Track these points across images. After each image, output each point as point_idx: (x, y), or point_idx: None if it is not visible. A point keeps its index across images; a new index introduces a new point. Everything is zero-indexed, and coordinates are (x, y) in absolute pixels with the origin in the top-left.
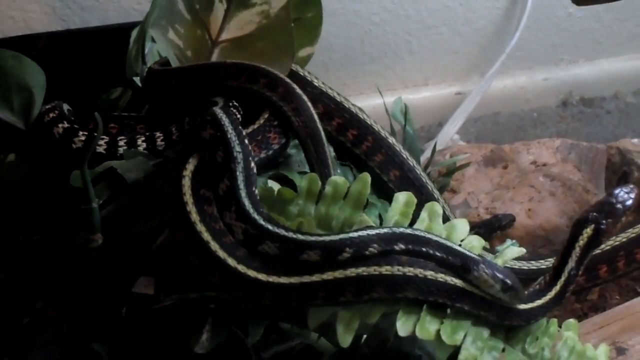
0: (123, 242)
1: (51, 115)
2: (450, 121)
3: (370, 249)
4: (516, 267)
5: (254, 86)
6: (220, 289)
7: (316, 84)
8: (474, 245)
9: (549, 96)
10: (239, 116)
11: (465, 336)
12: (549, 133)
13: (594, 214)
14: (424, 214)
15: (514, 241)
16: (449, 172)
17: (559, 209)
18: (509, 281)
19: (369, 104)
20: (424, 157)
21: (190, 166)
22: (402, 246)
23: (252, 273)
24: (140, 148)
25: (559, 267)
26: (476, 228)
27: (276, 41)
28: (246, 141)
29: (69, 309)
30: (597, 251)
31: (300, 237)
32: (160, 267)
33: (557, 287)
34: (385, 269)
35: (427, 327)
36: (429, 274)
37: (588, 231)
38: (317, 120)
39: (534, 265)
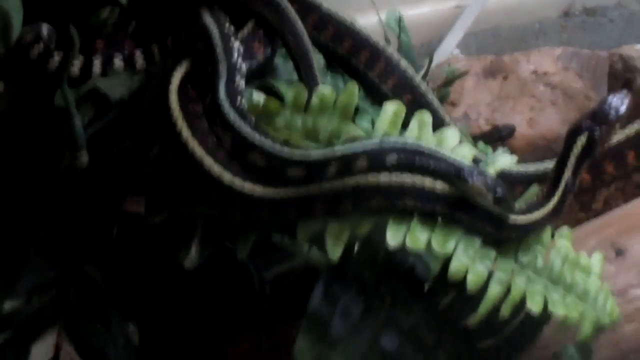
0: (110, 160)
1: (28, 37)
2: (450, 35)
3: (359, 162)
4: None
5: None
6: (217, 204)
7: None
8: (464, 154)
9: (551, 6)
10: (229, 26)
11: (456, 245)
12: (551, 44)
13: (588, 122)
14: (413, 123)
15: (505, 148)
16: (447, 81)
17: (560, 118)
18: (500, 191)
19: (364, 21)
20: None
21: (175, 80)
22: (394, 159)
23: (248, 187)
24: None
25: (556, 178)
26: (477, 140)
27: None
28: (235, 54)
29: (61, 232)
30: None
31: (285, 151)
32: (149, 185)
33: (555, 199)
34: (383, 177)
35: (417, 236)
36: (428, 181)
37: (582, 139)
38: (301, 27)
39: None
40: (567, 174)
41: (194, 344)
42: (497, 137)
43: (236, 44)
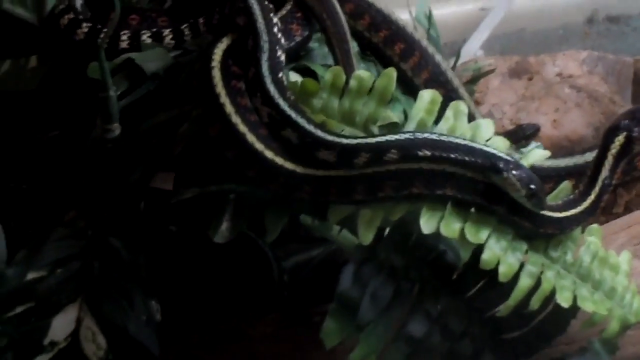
0: (141, 134)
1: (60, 7)
2: (474, 36)
3: (390, 154)
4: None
5: None
6: (257, 181)
7: None
8: (499, 146)
9: (575, 13)
10: (267, 3)
11: (489, 236)
12: (573, 50)
13: (626, 121)
14: (448, 113)
15: (538, 144)
16: (473, 78)
17: (585, 120)
18: (534, 187)
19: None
20: None
21: (217, 57)
22: (428, 152)
23: (289, 165)
24: (167, 40)
25: (593, 176)
26: None
27: None
28: (275, 29)
29: (88, 205)
30: None
31: (319, 133)
32: (179, 162)
33: (592, 197)
34: (425, 164)
35: (451, 225)
36: (469, 172)
37: (620, 139)
38: (342, 15)
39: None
40: (605, 172)
41: (215, 324)
42: (521, 136)
43: (275, 19)
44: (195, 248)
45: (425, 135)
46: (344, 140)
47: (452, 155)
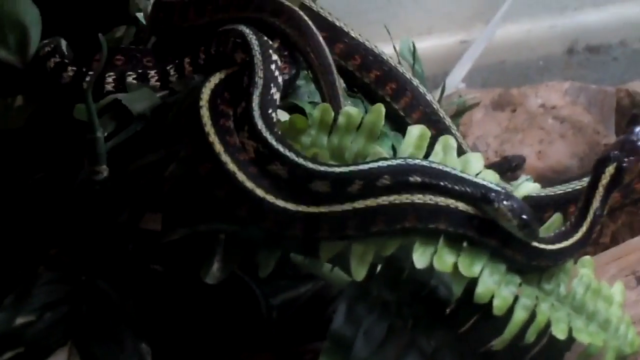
0: (129, 175)
1: (46, 49)
2: (456, 69)
3: (382, 180)
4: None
5: (261, 15)
6: (248, 220)
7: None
8: (489, 179)
9: (555, 44)
10: (266, 39)
11: (482, 269)
12: (555, 80)
13: (616, 152)
14: (437, 147)
15: (528, 177)
16: (458, 112)
17: (569, 151)
18: (526, 217)
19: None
20: None
21: (205, 96)
22: (418, 179)
23: (280, 203)
24: (152, 81)
25: (584, 208)
26: None
27: None
28: (273, 66)
29: (75, 247)
30: None
31: (310, 165)
32: (168, 202)
33: (584, 228)
34: (418, 198)
35: (444, 258)
36: (461, 205)
37: (610, 170)
38: (327, 49)
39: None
40: (596, 204)
41: None
42: (507, 168)
43: (275, 56)
44: (184, 288)
45: (417, 161)
46: (337, 169)
47: (442, 183)
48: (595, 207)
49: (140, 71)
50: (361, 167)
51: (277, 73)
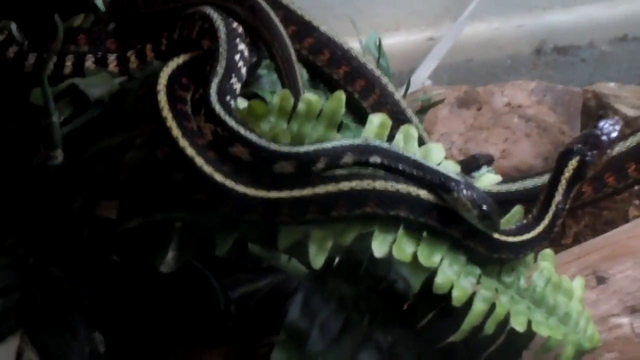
0: (85, 161)
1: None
2: (422, 66)
3: (345, 159)
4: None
5: (225, 3)
6: (207, 205)
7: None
8: (450, 169)
9: (523, 43)
10: (236, 26)
11: (442, 259)
12: (522, 80)
13: (579, 145)
14: (399, 136)
15: (490, 168)
16: (423, 108)
17: (534, 150)
18: (486, 208)
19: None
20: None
21: (162, 81)
22: (378, 159)
23: (240, 188)
24: (111, 66)
25: (546, 201)
26: None
27: None
28: (237, 57)
29: (29, 233)
30: None
31: (273, 146)
32: (124, 189)
33: (546, 221)
34: (379, 184)
35: (404, 248)
36: (423, 193)
37: (573, 163)
38: (287, 38)
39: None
40: (558, 197)
41: (160, 355)
42: (474, 166)
43: (241, 46)
44: (140, 278)
45: (377, 143)
46: (302, 149)
47: (401, 167)
48: (558, 200)
49: (99, 55)
50: (325, 145)
51: (240, 64)
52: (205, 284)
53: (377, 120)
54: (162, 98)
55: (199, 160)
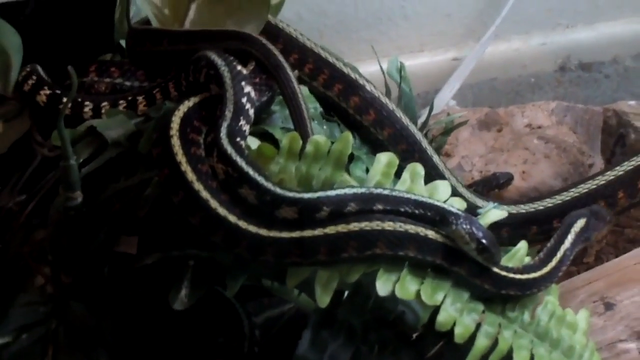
0: (104, 201)
1: (30, 82)
2: (446, 86)
3: (348, 207)
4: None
5: (231, 44)
6: (221, 246)
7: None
8: (454, 205)
9: (547, 61)
10: (240, 69)
11: (445, 297)
12: (546, 98)
13: (587, 213)
14: (405, 175)
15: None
16: (446, 131)
17: (553, 171)
18: (485, 242)
19: (365, 70)
20: (420, 121)
21: (175, 125)
22: (380, 207)
23: (253, 228)
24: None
25: (555, 246)
26: (474, 185)
27: None
28: (244, 99)
29: (52, 270)
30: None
31: (279, 190)
32: (143, 226)
33: (553, 263)
34: (388, 225)
35: (407, 286)
36: (430, 233)
37: (581, 222)
38: (295, 81)
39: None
40: (567, 244)
41: None
42: (495, 184)
43: (247, 88)
44: (162, 308)
45: (379, 190)
46: (305, 196)
47: (403, 209)
48: (566, 247)
49: (130, 98)
50: (329, 193)
51: (248, 106)
52: (229, 309)
53: (384, 159)
54: (176, 142)
55: (214, 203)
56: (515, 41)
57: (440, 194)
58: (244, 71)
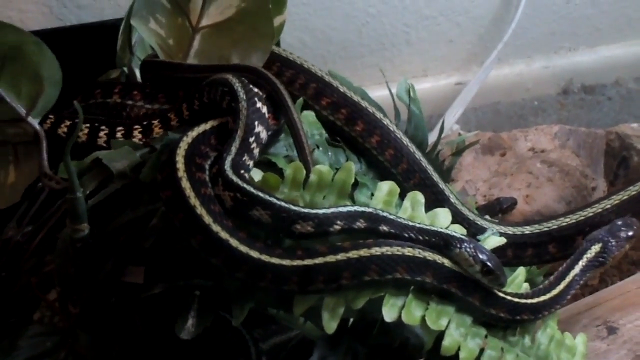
0: (110, 232)
1: (49, 121)
2: (450, 111)
3: (357, 223)
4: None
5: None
6: (222, 270)
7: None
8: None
9: (550, 84)
10: (262, 107)
11: (449, 322)
12: (550, 121)
13: (603, 234)
14: (406, 203)
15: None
16: (457, 151)
17: (556, 195)
18: (490, 264)
19: (370, 95)
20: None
21: (181, 151)
22: (386, 228)
23: (254, 254)
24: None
25: (565, 271)
26: (478, 210)
27: (256, 23)
28: (251, 139)
29: (60, 301)
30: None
31: (293, 207)
32: (150, 256)
33: (561, 287)
34: (375, 250)
35: (412, 312)
36: (447, 262)
37: (596, 247)
38: (297, 114)
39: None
40: (577, 270)
41: None
42: (498, 209)
43: (259, 128)
44: (170, 337)
45: (385, 213)
46: (320, 211)
47: (407, 235)
48: (576, 272)
49: (145, 124)
50: (340, 209)
51: (254, 145)
52: (237, 335)
53: (385, 188)
54: (181, 167)
55: (216, 227)
56: (518, 65)
57: (441, 221)
58: (263, 109)
